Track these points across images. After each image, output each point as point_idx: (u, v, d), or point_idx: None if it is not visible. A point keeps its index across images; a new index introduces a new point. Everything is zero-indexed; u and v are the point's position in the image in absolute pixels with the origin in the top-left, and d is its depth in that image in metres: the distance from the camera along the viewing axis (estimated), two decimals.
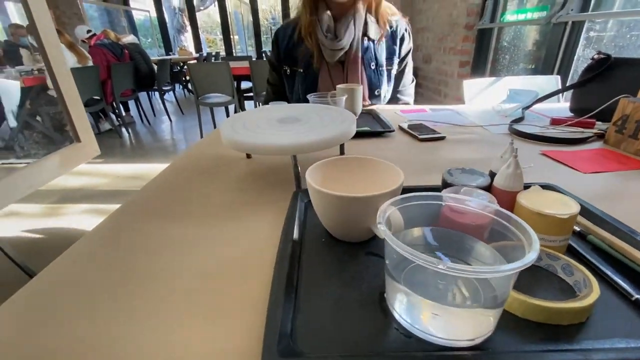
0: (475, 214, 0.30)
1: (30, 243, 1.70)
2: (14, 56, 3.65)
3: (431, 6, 3.02)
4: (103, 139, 3.50)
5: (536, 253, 0.22)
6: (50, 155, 0.84)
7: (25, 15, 0.89)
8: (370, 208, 0.32)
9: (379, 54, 1.01)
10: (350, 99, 0.87)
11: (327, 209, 0.36)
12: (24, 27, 3.72)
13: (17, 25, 4.19)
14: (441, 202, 0.30)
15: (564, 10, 1.60)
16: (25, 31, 3.37)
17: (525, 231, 0.25)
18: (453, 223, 0.31)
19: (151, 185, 0.56)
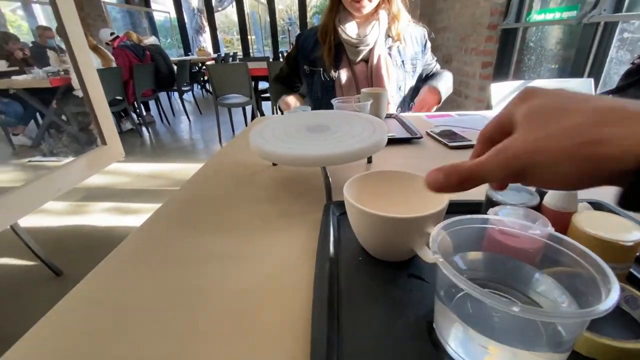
0: (529, 239, 0.28)
1: (55, 240, 1.76)
2: (42, 57, 3.79)
3: (452, 5, 2.95)
4: (124, 138, 3.58)
5: (617, 292, 0.20)
6: (78, 158, 0.86)
7: (52, 17, 0.91)
8: (414, 229, 0.31)
9: (403, 51, 1.03)
10: (375, 103, 0.85)
11: (367, 228, 0.34)
12: (51, 29, 3.86)
13: (44, 27, 4.35)
14: (494, 225, 0.28)
15: (596, 10, 1.53)
16: (53, 33, 3.50)
17: (597, 264, 0.23)
18: (503, 247, 0.29)
19: (181, 193, 0.56)
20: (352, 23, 0.97)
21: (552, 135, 0.17)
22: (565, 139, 0.17)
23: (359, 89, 1.01)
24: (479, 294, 0.19)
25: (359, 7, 0.92)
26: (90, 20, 6.14)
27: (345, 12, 0.98)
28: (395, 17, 0.98)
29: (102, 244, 1.71)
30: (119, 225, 1.87)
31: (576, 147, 0.16)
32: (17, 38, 3.77)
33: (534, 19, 2.11)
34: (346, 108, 0.79)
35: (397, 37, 0.99)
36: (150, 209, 2.03)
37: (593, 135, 0.16)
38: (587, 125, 0.16)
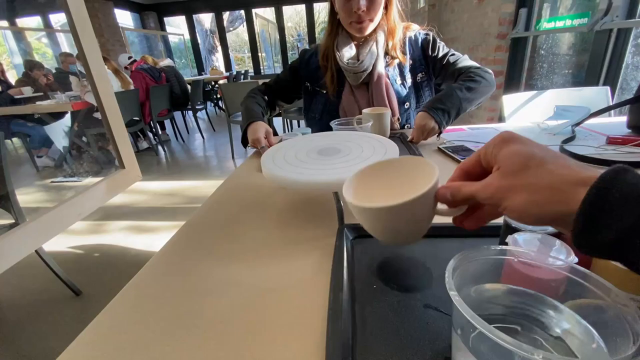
0: (550, 271, 0.27)
1: (74, 260, 1.80)
2: (64, 82, 3.98)
3: (460, 16, 2.96)
4: (141, 157, 3.69)
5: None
6: (98, 183, 0.89)
7: (74, 44, 0.95)
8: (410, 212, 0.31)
9: (404, 66, 0.99)
10: (377, 124, 0.84)
11: (371, 222, 0.34)
12: (73, 55, 4.05)
13: (67, 53, 4.56)
14: (513, 257, 0.28)
15: (608, 17, 1.50)
16: (74, 59, 3.67)
17: (622, 301, 0.22)
18: (523, 278, 0.28)
19: (196, 218, 0.57)
20: (350, 46, 0.96)
21: (519, 186, 0.24)
22: (527, 192, 0.23)
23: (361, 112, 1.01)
24: (497, 337, 0.19)
25: (361, 27, 0.91)
26: (110, 45, 6.45)
27: (343, 35, 0.97)
28: (391, 33, 0.96)
29: (119, 262, 1.75)
30: (136, 244, 1.90)
31: (532, 202, 0.23)
32: (41, 65, 3.99)
33: (544, 27, 2.09)
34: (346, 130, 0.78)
35: (394, 52, 0.97)
36: (165, 227, 2.06)
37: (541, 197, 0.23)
38: (540, 186, 0.23)
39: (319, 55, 1.01)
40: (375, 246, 0.44)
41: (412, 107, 1.03)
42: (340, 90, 1.01)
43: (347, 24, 0.93)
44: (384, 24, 0.96)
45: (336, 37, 0.97)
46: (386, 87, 0.97)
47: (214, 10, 8.11)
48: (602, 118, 0.96)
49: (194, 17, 8.27)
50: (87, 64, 0.94)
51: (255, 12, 8.02)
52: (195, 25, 8.42)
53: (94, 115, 3.27)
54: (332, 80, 0.99)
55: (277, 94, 1.12)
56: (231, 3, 7.99)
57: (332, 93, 1.01)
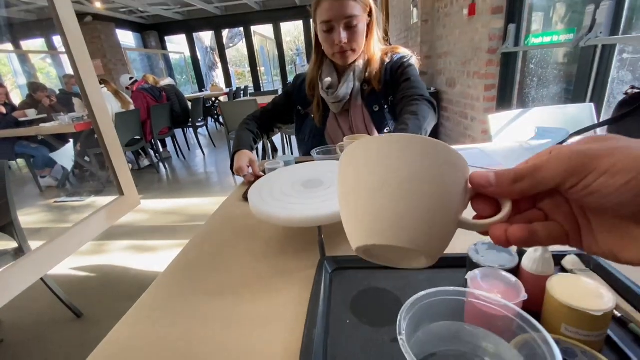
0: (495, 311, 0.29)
1: (76, 281, 1.83)
2: (68, 103, 4.06)
3: (452, 32, 3.04)
4: (142, 174, 3.74)
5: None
6: (98, 211, 0.92)
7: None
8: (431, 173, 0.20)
9: (381, 93, 1.01)
10: None
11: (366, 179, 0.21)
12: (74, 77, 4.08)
13: (70, 75, 4.68)
14: (463, 297, 0.30)
15: (592, 33, 1.55)
16: (76, 80, 3.70)
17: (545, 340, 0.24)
18: (480, 316, 0.31)
19: (187, 250, 0.60)
20: (332, 76, 0.99)
21: (611, 149, 0.17)
22: (625, 156, 0.17)
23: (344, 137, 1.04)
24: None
25: (343, 57, 0.95)
26: (112, 65, 6.60)
27: (327, 64, 1.01)
28: (370, 61, 0.98)
29: (120, 282, 1.77)
30: (136, 264, 1.92)
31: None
32: (44, 87, 4.09)
33: (532, 42, 2.14)
34: (326, 159, 0.81)
35: (372, 79, 0.99)
36: (166, 246, 2.09)
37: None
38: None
39: (306, 85, 1.06)
40: (353, 278, 0.46)
41: (392, 129, 1.06)
42: (326, 117, 1.05)
43: (331, 55, 0.97)
44: (365, 53, 0.99)
45: (321, 66, 1.02)
46: (364, 114, 1.00)
47: (213, 28, 8.31)
48: (586, 135, 0.99)
49: (194, 35, 8.47)
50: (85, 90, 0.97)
51: (253, 29, 8.22)
52: (196, 43, 8.61)
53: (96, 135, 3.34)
54: (317, 108, 1.04)
55: (274, 117, 1.17)
56: (230, 21, 8.19)
57: (318, 120, 1.05)
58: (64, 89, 4.50)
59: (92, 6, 5.64)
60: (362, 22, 0.91)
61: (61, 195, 3.31)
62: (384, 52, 1.02)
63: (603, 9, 1.50)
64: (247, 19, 7.96)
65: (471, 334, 0.30)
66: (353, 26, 0.89)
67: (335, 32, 0.90)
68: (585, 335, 0.31)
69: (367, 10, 0.92)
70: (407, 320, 0.28)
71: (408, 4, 3.98)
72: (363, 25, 0.92)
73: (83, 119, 3.30)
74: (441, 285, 0.32)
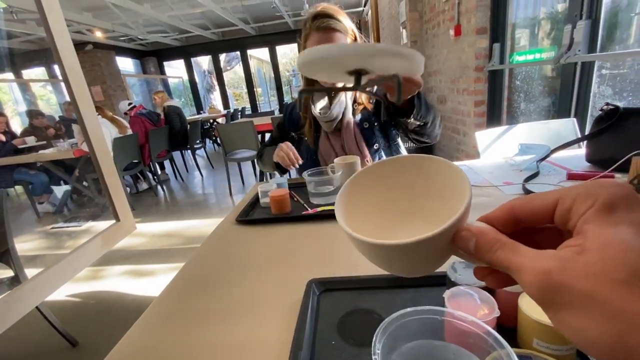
0: (467, 329, 0.31)
1: (71, 308, 1.81)
2: (68, 130, 4.12)
3: (440, 51, 3.14)
4: (141, 198, 3.76)
5: None
6: (93, 238, 0.93)
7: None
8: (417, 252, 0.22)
9: (371, 113, 1.08)
10: (347, 172, 0.88)
11: (365, 253, 0.25)
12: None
13: (69, 102, 4.78)
14: (437, 316, 0.32)
15: (571, 51, 1.62)
16: (73, 108, 3.77)
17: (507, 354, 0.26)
18: (455, 335, 0.32)
19: (178, 279, 0.62)
20: (324, 98, 1.05)
21: (609, 307, 0.14)
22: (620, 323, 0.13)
23: (337, 156, 1.08)
24: None
25: (332, 84, 1.01)
26: (111, 91, 6.74)
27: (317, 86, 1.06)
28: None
29: (116, 309, 1.75)
30: (133, 289, 1.91)
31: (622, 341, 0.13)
32: (42, 113, 4.18)
33: (517, 60, 2.23)
34: (316, 181, 0.86)
35: (361, 99, 1.07)
36: (163, 270, 2.08)
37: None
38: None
39: (298, 106, 1.10)
40: (340, 299, 0.48)
41: (382, 146, 1.10)
42: (317, 137, 1.09)
43: (321, 82, 1.02)
44: None
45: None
46: (355, 133, 1.05)
47: (211, 53, 8.54)
48: (568, 151, 1.02)
49: (192, 59, 8.70)
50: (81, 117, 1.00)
51: (250, 53, 8.45)
52: (194, 67, 8.83)
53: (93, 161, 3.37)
54: (310, 129, 1.08)
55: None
56: (227, 46, 8.44)
57: (310, 140, 1.09)
58: (64, 115, 4.58)
59: (93, 35, 5.82)
60: None
61: (58, 221, 3.30)
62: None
63: (580, 28, 1.57)
64: (243, 43, 8.21)
65: (445, 352, 0.31)
66: None
67: None
68: (556, 350, 0.33)
69: (352, 39, 0.98)
70: (382, 341, 0.29)
71: (397, 25, 4.14)
72: None
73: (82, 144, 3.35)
74: (424, 303, 0.34)
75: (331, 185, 0.87)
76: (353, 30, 0.98)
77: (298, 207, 0.88)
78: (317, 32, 0.93)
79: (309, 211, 0.83)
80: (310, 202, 0.89)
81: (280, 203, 0.83)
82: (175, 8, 5.29)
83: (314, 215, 0.80)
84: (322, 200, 0.87)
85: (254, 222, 0.83)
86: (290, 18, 6.93)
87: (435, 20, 3.15)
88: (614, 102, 1.57)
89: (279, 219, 0.81)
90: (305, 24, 0.96)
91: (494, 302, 0.36)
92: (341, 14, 0.95)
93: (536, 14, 2.12)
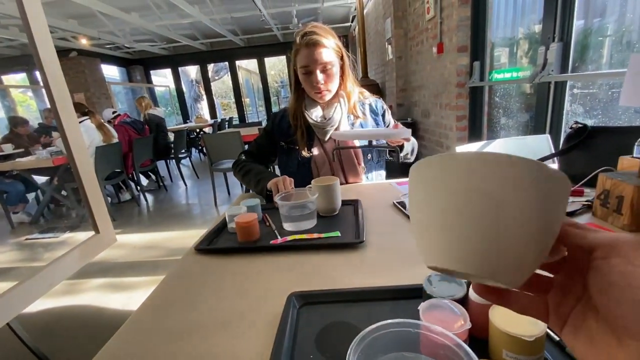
0: (440, 341, 0.32)
1: (44, 324, 1.73)
2: (47, 137, 4.00)
3: (424, 67, 3.25)
4: (122, 208, 3.66)
5: None
6: (71, 251, 0.91)
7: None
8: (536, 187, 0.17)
9: (365, 125, 1.14)
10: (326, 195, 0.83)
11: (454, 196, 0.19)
12: None
13: (50, 109, 4.66)
14: (409, 328, 0.33)
15: (545, 71, 1.71)
16: (54, 115, 3.68)
17: None
18: (429, 347, 0.33)
19: (157, 293, 0.61)
20: (317, 108, 1.10)
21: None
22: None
23: (331, 164, 1.10)
24: None
25: (321, 96, 1.05)
26: (95, 98, 6.62)
27: (309, 98, 1.11)
28: (348, 95, 1.11)
29: (94, 324, 1.68)
30: (111, 303, 1.84)
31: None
32: (26, 121, 4.06)
33: (495, 77, 2.32)
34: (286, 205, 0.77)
35: (354, 112, 1.12)
36: (144, 283, 2.02)
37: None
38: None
39: (290, 116, 1.13)
40: (319, 313, 0.48)
41: (374, 159, 1.16)
42: (311, 144, 1.11)
43: (311, 94, 1.07)
44: (342, 90, 1.10)
45: (303, 100, 1.10)
46: (352, 142, 1.10)
47: (199, 62, 8.53)
48: None
49: (179, 69, 8.66)
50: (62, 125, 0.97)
51: (238, 64, 8.49)
52: (181, 76, 8.79)
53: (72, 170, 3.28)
54: (302, 136, 1.10)
55: (259, 158, 1.21)
56: (215, 56, 8.45)
57: (302, 148, 1.10)
58: (44, 122, 4.46)
59: (78, 42, 5.74)
60: (336, 66, 1.04)
61: (34, 232, 3.17)
62: (360, 92, 1.16)
63: (552, 49, 1.67)
64: (232, 54, 8.24)
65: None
66: (328, 70, 1.02)
67: (313, 75, 1.01)
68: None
69: (339, 56, 1.05)
70: (357, 354, 0.30)
71: (383, 41, 4.26)
72: (337, 69, 1.04)
73: (61, 153, 3.26)
74: (402, 315, 0.35)
75: (307, 208, 0.79)
76: (339, 47, 1.04)
77: (269, 234, 0.77)
78: (306, 48, 0.99)
79: (277, 240, 0.73)
80: (282, 229, 0.79)
81: (246, 230, 0.73)
82: (164, 18, 5.29)
83: (283, 245, 0.71)
84: (295, 226, 0.78)
85: (214, 252, 0.73)
86: (279, 31, 7.03)
87: (419, 37, 3.27)
88: (585, 119, 1.66)
89: (243, 249, 0.72)
90: (296, 40, 1.01)
91: (465, 314, 0.37)
92: (329, 32, 1.02)
93: (514, 34, 2.23)
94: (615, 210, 0.67)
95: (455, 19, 2.46)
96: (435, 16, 2.76)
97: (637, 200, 0.63)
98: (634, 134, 0.79)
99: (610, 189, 0.68)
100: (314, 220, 0.80)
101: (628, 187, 0.64)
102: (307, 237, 0.73)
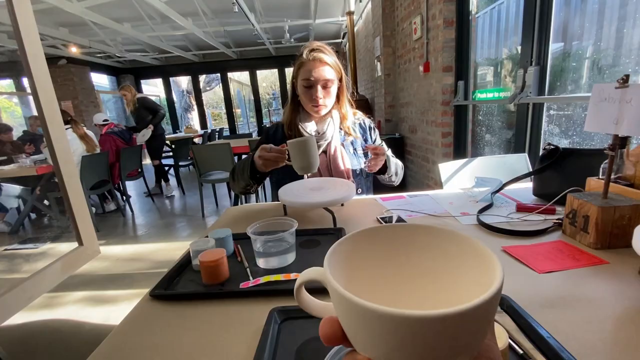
0: None
1: (21, 339, 1.67)
2: (32, 145, 3.92)
3: (411, 85, 3.35)
4: (106, 218, 3.59)
5: None
6: (52, 264, 0.90)
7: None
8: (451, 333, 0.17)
9: (355, 142, 1.22)
10: (299, 152, 0.89)
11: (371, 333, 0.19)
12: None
13: (36, 117, 4.62)
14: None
15: (524, 92, 1.80)
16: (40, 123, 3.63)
17: None
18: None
19: (140, 307, 0.61)
20: (312, 122, 1.16)
21: None
22: None
23: (322, 175, 1.14)
24: None
25: (318, 109, 1.12)
26: (83, 106, 6.55)
27: (304, 112, 1.17)
28: (344, 116, 1.19)
29: (72, 340, 1.63)
30: (92, 318, 1.79)
31: None
32: (10, 128, 3.98)
33: (478, 97, 2.42)
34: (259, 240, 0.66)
35: (348, 131, 1.20)
36: (126, 297, 1.97)
37: None
38: None
39: (285, 127, 1.19)
40: (300, 328, 0.50)
41: (363, 175, 1.20)
42: None
43: (308, 107, 1.14)
44: (337, 110, 1.19)
45: (298, 113, 1.17)
46: (342, 155, 1.16)
47: (190, 73, 8.56)
48: (520, 184, 1.11)
49: (170, 79, 8.67)
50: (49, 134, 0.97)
51: (230, 75, 8.56)
52: (172, 86, 8.79)
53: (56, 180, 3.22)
54: None
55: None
56: (207, 68, 8.51)
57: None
58: (29, 130, 4.38)
59: (68, 50, 5.71)
60: (335, 85, 1.12)
61: (13, 242, 3.08)
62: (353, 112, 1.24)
63: (530, 72, 1.76)
64: (224, 65, 8.32)
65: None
66: (328, 87, 1.10)
67: (313, 89, 1.08)
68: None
69: (339, 77, 1.13)
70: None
71: (373, 58, 4.38)
72: (335, 88, 1.13)
73: (45, 161, 3.20)
74: None
75: (285, 242, 0.67)
76: (340, 68, 1.13)
77: (241, 273, 0.65)
78: (312, 62, 1.07)
79: (248, 283, 0.61)
80: (256, 266, 0.68)
81: (212, 270, 0.61)
82: (157, 29, 5.33)
83: (254, 290, 0.59)
84: (271, 263, 0.67)
85: (171, 298, 0.60)
86: (271, 45, 7.15)
87: (407, 56, 3.38)
88: (561, 140, 1.74)
89: (207, 295, 0.60)
90: (302, 54, 1.09)
91: None
92: (333, 53, 1.12)
93: (497, 55, 2.34)
94: (582, 229, 0.71)
95: (440, 41, 2.57)
96: (422, 37, 2.87)
97: (602, 220, 0.67)
98: (601, 157, 0.84)
99: (577, 209, 0.72)
100: (293, 254, 0.69)
101: (593, 208, 0.68)
102: (283, 279, 0.61)
